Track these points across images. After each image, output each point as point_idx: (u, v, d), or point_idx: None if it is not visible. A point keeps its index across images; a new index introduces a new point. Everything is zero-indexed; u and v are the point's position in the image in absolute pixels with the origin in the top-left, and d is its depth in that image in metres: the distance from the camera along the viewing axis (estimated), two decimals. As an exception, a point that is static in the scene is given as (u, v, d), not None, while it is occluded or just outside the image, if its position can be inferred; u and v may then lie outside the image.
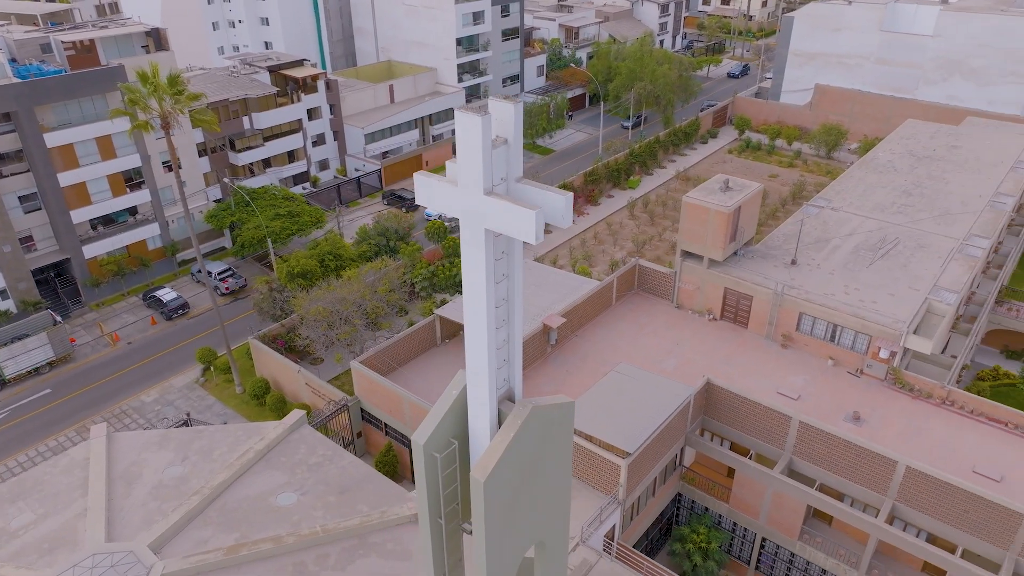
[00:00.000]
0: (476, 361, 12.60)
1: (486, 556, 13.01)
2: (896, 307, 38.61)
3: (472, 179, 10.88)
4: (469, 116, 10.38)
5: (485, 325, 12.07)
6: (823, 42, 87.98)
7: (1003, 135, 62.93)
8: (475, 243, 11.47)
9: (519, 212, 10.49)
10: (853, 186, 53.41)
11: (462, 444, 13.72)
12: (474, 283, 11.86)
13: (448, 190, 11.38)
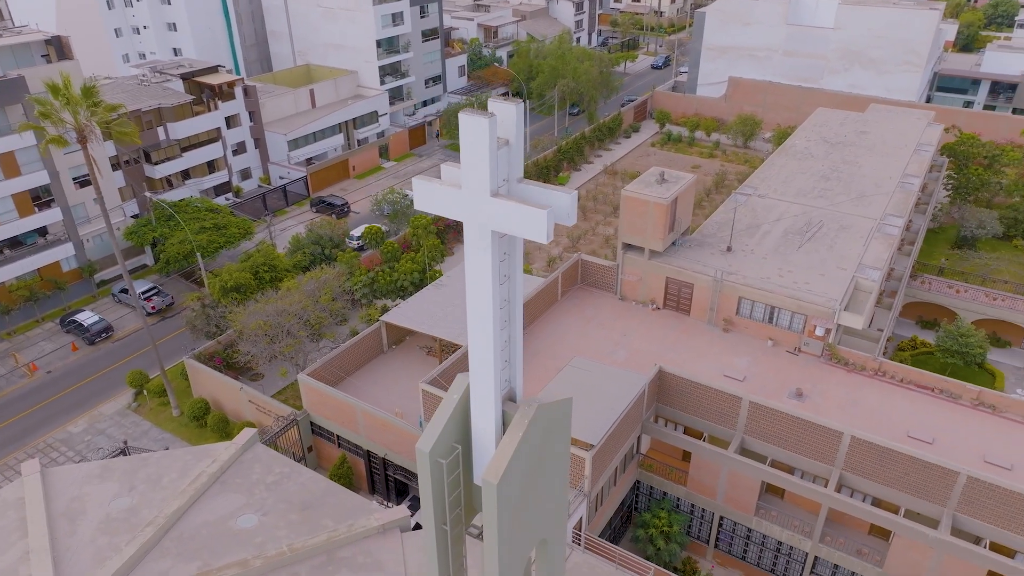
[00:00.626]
0: (481, 363, 12.54)
1: (498, 559, 12.98)
2: (827, 286, 40.64)
3: (478, 182, 10.82)
4: (476, 118, 10.32)
5: (492, 327, 12.02)
6: (734, 36, 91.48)
7: (904, 120, 67.08)
8: (481, 246, 11.40)
9: (530, 212, 10.51)
10: (775, 173, 55.81)
11: (465, 448, 13.63)
12: (480, 286, 11.79)
13: (451, 193, 11.27)
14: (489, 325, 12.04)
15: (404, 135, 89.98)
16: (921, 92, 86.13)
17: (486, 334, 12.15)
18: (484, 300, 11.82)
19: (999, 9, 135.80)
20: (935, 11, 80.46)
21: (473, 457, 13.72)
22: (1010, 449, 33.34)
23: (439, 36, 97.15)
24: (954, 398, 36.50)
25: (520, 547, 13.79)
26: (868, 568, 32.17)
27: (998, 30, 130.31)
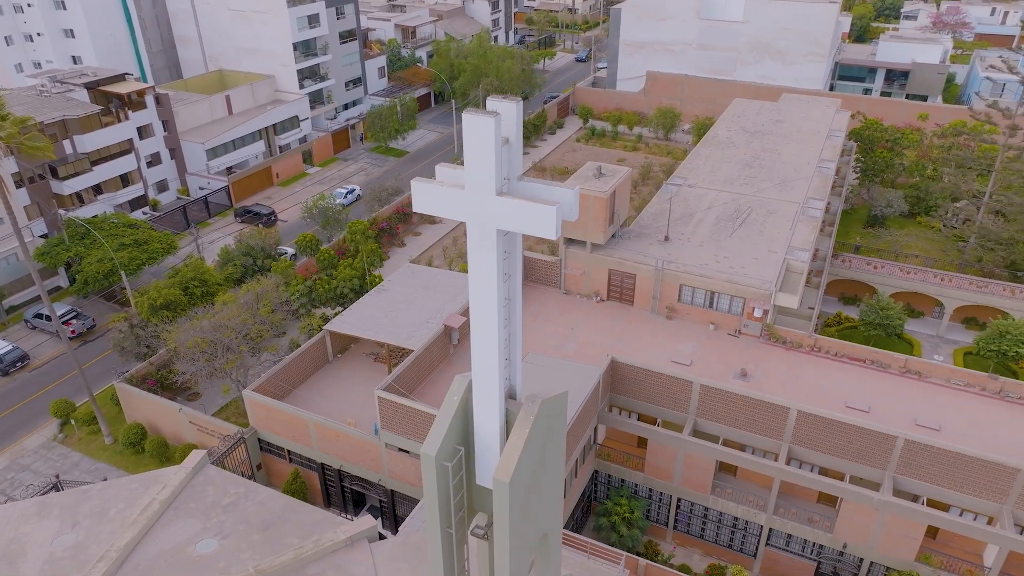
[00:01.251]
0: (485, 362, 12.52)
1: (509, 558, 13.00)
2: (761, 269, 42.40)
3: (484, 181, 10.78)
4: (481, 118, 10.28)
5: (496, 326, 12.02)
6: (650, 31, 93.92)
7: (814, 108, 70.62)
8: (486, 245, 11.38)
9: (538, 209, 10.57)
10: (702, 163, 57.74)
11: (467, 449, 13.57)
12: (484, 285, 11.76)
13: (453, 194, 11.19)
14: (493, 324, 12.03)
15: (327, 139, 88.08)
16: (825, 81, 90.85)
17: (490, 333, 12.14)
18: (488, 299, 11.81)
19: (886, 2, 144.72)
20: (834, 4, 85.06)
21: (476, 458, 13.68)
22: (936, 411, 35.74)
23: (357, 38, 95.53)
24: (883, 367, 38.80)
25: (526, 544, 13.86)
26: (820, 534, 33.84)
27: (886, 22, 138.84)
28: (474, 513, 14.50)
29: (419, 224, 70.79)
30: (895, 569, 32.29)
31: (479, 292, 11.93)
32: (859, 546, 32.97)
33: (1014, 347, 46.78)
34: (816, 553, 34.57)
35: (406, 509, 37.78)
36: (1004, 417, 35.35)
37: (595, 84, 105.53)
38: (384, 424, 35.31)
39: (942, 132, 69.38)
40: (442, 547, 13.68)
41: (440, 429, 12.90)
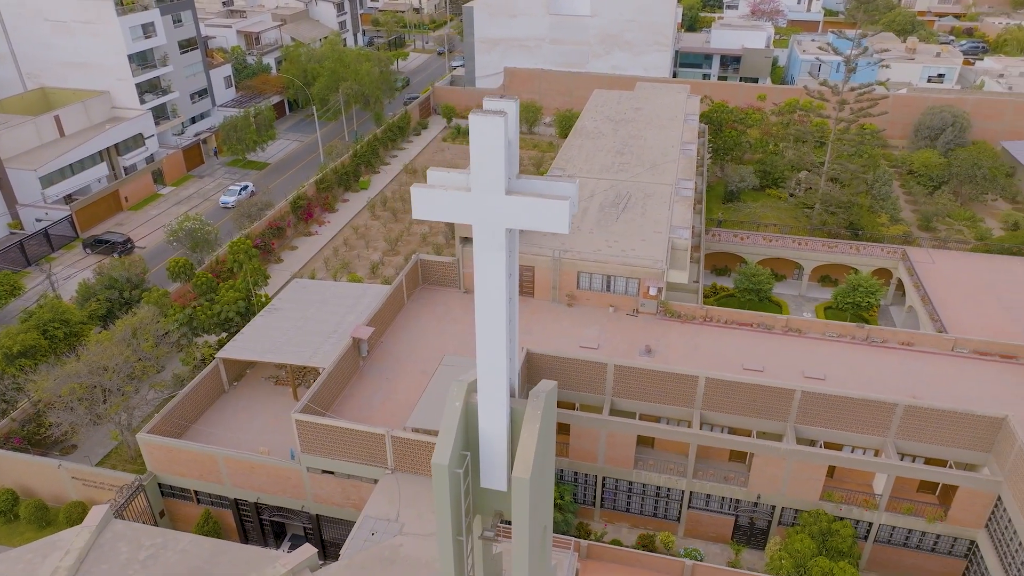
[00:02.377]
0: (492, 364, 12.46)
1: (529, 554, 13.04)
2: (649, 250, 44.66)
3: (492, 181, 10.71)
4: (489, 118, 10.20)
5: (504, 325, 12.00)
6: (504, 28, 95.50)
7: (667, 94, 75.03)
8: (494, 245, 11.30)
9: (549, 205, 10.66)
10: (576, 154, 59.72)
11: (473, 453, 13.43)
12: (492, 285, 11.68)
13: (458, 197, 11.02)
14: (502, 323, 12.01)
15: (178, 156, 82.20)
16: (670, 69, 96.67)
17: (497, 332, 12.11)
18: (497, 299, 11.77)
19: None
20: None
21: (481, 461, 13.56)
22: (819, 363, 39.43)
23: (198, 46, 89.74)
24: (769, 329, 42.21)
25: (537, 538, 13.95)
26: (736, 490, 36.33)
27: (712, 11, 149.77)
28: (473, 517, 14.38)
29: (294, 238, 68.00)
30: (804, 510, 35.34)
31: (487, 292, 11.86)
32: (771, 495, 35.76)
33: (866, 298, 52.46)
34: (734, 508, 37.10)
35: (334, 532, 36.41)
36: (874, 360, 39.64)
37: (453, 83, 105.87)
38: (304, 447, 33.79)
39: (779, 110, 76.10)
40: (454, 557, 13.47)
41: (448, 437, 12.69)
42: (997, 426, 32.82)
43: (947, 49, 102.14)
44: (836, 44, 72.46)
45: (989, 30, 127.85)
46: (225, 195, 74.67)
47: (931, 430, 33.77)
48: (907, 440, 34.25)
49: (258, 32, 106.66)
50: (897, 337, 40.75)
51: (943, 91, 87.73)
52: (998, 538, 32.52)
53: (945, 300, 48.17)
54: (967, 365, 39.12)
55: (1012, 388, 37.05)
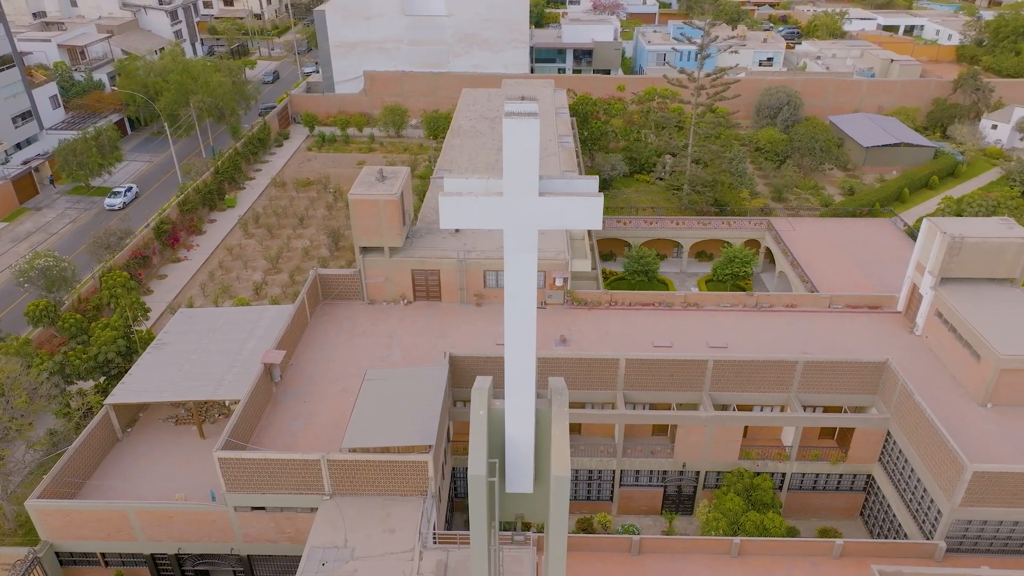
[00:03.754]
0: (521, 366, 12.37)
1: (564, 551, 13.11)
2: (550, 242, 45.62)
3: (526, 184, 10.60)
4: (524, 121, 10.09)
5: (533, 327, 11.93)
6: (359, 31, 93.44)
7: (534, 89, 76.79)
8: (525, 248, 11.21)
9: (583, 203, 10.73)
10: (458, 154, 59.75)
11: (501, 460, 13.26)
12: (523, 288, 11.57)
13: (490, 203, 10.80)
14: (531, 326, 11.94)
15: (7, 188, 73.49)
16: (528, 65, 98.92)
17: (527, 336, 12.03)
18: (528, 302, 11.69)
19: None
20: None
21: (507, 466, 13.42)
22: (719, 332, 42.13)
23: (15, 63, 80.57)
24: (669, 306, 44.54)
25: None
26: (663, 462, 38.13)
27: (556, 7, 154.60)
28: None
29: (162, 266, 63.04)
30: (726, 471, 37.75)
31: (518, 294, 11.75)
32: (695, 461, 37.87)
33: (742, 268, 56.65)
34: (662, 479, 38.93)
35: (269, 570, 34.39)
36: (765, 324, 42.95)
37: (310, 90, 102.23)
38: (230, 486, 31.57)
39: (638, 99, 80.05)
40: (488, 568, 13.26)
41: (480, 447, 12.47)
42: (880, 369, 36.70)
43: (771, 35, 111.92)
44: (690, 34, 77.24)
45: (800, 17, 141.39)
46: (110, 198, 71.12)
47: (826, 381, 37.17)
48: (807, 393, 37.49)
49: (83, 46, 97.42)
50: (782, 301, 44.40)
51: (775, 74, 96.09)
52: (890, 468, 36.43)
53: (809, 262, 52.97)
54: (843, 319, 43.36)
55: (884, 334, 41.52)
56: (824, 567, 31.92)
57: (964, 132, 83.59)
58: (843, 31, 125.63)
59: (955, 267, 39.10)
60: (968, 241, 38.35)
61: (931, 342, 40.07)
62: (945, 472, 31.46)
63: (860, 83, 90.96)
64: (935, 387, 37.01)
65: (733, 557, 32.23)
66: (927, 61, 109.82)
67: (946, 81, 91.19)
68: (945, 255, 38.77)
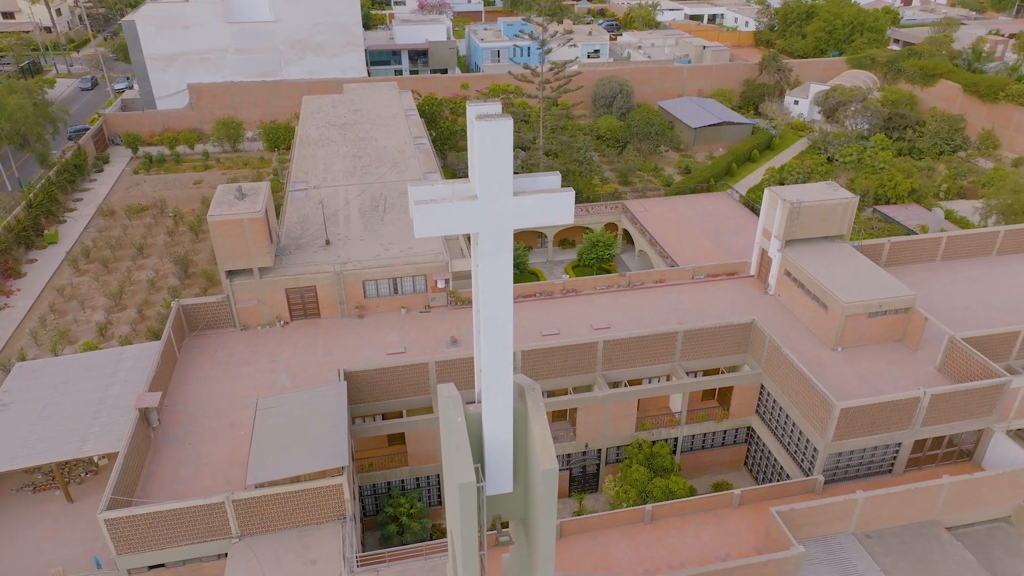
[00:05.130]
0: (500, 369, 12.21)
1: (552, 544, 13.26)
2: (427, 245, 45.32)
3: (501, 185, 10.49)
4: (497, 122, 9.98)
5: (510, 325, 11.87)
6: (178, 42, 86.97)
7: (377, 92, 75.57)
8: (501, 249, 11.06)
9: (557, 199, 10.82)
10: (311, 164, 57.56)
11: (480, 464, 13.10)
12: (499, 290, 11.40)
13: (466, 207, 10.57)
14: (508, 327, 11.86)
15: None
16: (365, 68, 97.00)
17: (506, 338, 11.93)
18: (504, 302, 11.58)
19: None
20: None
21: (487, 469, 13.29)
22: (600, 313, 43.93)
23: None
24: (550, 296, 45.80)
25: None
26: (566, 446, 39.23)
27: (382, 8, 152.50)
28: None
29: (-22, 317, 55.36)
30: (625, 445, 39.57)
31: (494, 297, 11.60)
32: (596, 440, 39.36)
33: (605, 251, 59.43)
34: (567, 462, 40.06)
35: (174, 632, 31.48)
36: (640, 301, 45.40)
37: (127, 108, 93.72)
38: (120, 548, 28.55)
39: (483, 96, 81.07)
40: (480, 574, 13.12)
41: (463, 455, 12.26)
42: (748, 329, 40.08)
43: (595, 28, 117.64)
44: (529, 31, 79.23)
45: (617, 10, 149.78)
46: None
47: (703, 346, 40.01)
48: (688, 360, 40.15)
49: None
50: (652, 277, 47.11)
51: (605, 65, 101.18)
52: (767, 418, 39.97)
53: (665, 239, 56.62)
54: (706, 287, 46.82)
55: (743, 297, 45.34)
56: (727, 517, 34.47)
57: (773, 109, 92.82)
58: (657, 22, 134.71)
59: (796, 230, 43.46)
60: (805, 205, 42.78)
61: (783, 299, 44.33)
62: (816, 413, 35.04)
63: (681, 69, 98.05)
64: (793, 339, 41.04)
65: (647, 524, 33.93)
66: (732, 46, 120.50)
67: (752, 64, 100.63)
68: (787, 220, 42.98)
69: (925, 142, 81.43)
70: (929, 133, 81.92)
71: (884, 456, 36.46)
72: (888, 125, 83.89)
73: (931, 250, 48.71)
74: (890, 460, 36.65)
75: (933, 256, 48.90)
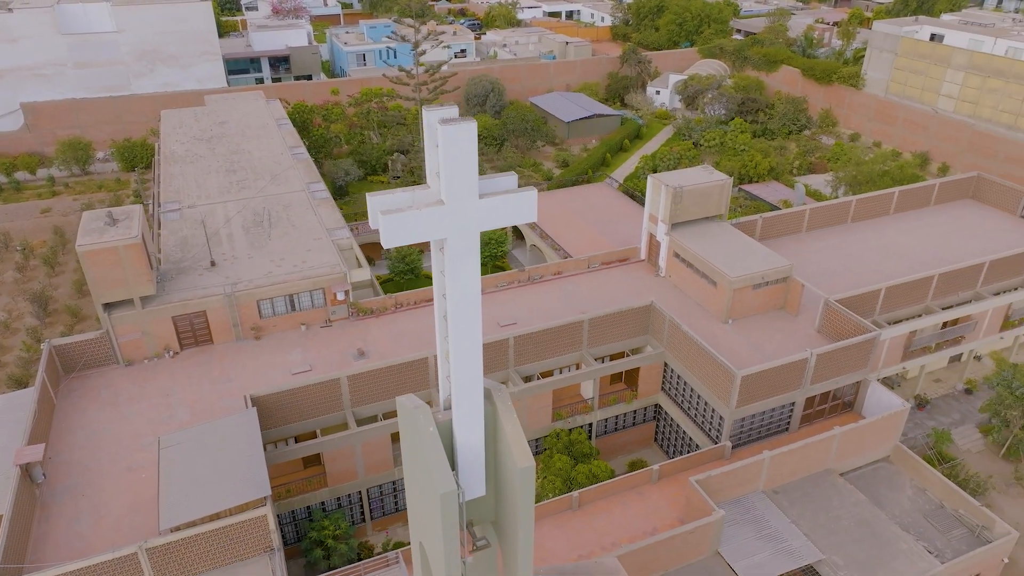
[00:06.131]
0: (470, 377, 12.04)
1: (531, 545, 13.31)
2: (321, 256, 43.83)
3: (467, 189, 10.32)
4: (461, 125, 9.80)
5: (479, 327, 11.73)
6: (3, 57, 78.73)
7: (242, 103, 71.98)
8: (468, 252, 10.88)
9: (522, 198, 10.81)
10: (182, 183, 54.03)
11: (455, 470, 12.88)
12: (468, 292, 11.21)
13: (433, 213, 10.30)
14: (477, 326, 11.72)
15: None
16: (224, 78, 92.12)
17: (474, 336, 11.77)
18: (473, 304, 11.41)
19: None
20: (206, 2, 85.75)
21: (460, 475, 13.09)
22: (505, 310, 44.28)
23: None
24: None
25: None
26: (486, 444, 39.27)
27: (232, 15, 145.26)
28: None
29: None
30: (544, 436, 40.18)
31: (463, 300, 11.41)
32: (515, 435, 39.65)
33: (498, 248, 59.91)
34: (488, 461, 40.09)
35: None
36: (542, 294, 46.18)
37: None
38: (17, 623, 25.67)
39: (356, 101, 79.28)
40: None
41: (441, 463, 12.04)
42: (648, 311, 41.82)
43: (459, 28, 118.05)
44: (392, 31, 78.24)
45: (477, 9, 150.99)
46: None
47: (608, 332, 41.34)
48: (595, 347, 41.35)
49: None
50: (550, 270, 48.03)
51: (474, 64, 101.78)
52: (673, 393, 41.93)
53: (555, 231, 57.91)
54: (601, 275, 48.35)
55: (638, 281, 47.22)
56: (648, 493, 35.89)
57: (638, 99, 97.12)
58: (518, 20, 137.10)
59: (680, 213, 45.79)
60: (686, 189, 45.16)
61: (674, 280, 46.62)
62: (719, 383, 37.18)
63: (548, 65, 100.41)
64: (687, 316, 43.26)
65: (575, 510, 34.68)
66: (592, 41, 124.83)
67: (614, 57, 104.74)
68: (671, 204, 45.20)
69: (775, 123, 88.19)
70: (778, 115, 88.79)
71: (781, 416, 39.28)
72: (742, 109, 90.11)
73: (797, 223, 52.89)
74: (786, 419, 39.54)
75: (799, 228, 53.12)
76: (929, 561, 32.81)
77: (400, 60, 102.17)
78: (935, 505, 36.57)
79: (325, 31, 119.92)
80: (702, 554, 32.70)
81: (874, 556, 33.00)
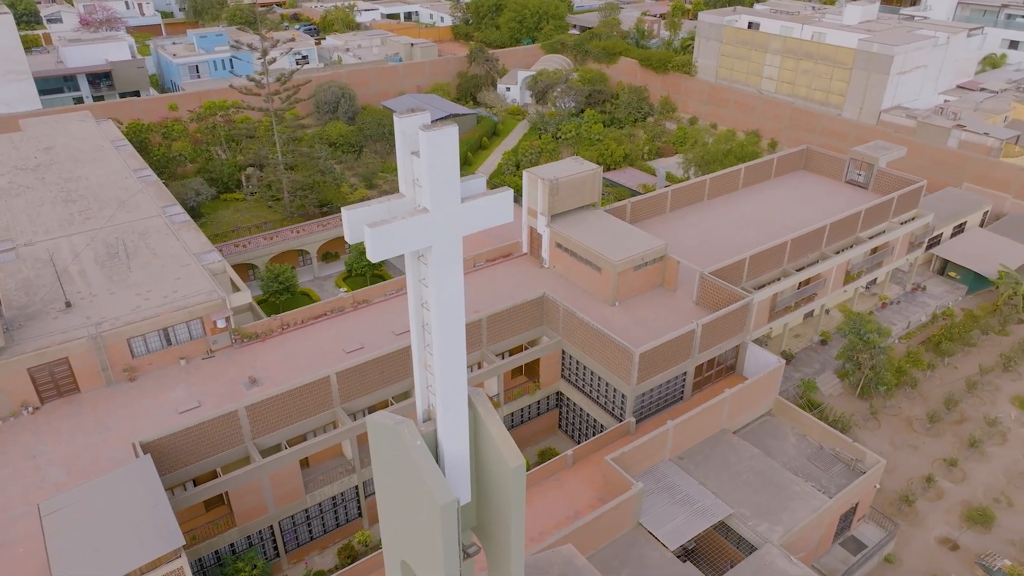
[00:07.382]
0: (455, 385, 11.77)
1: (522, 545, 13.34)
2: (193, 284, 40.82)
3: (450, 194, 10.06)
4: (444, 131, 9.58)
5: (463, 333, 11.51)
6: None
7: (68, 125, 65.26)
8: (452, 257, 10.62)
9: (498, 199, 10.72)
10: (10, 219, 48.14)
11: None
12: (452, 297, 10.93)
13: (419, 222, 9.95)
14: (461, 332, 11.49)
15: None
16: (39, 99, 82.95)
17: (458, 342, 11.53)
18: (457, 310, 11.16)
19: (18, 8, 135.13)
20: (7, 15, 76.66)
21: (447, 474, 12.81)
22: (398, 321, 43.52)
23: None
24: (341, 311, 44.17)
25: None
26: (398, 456, 38.43)
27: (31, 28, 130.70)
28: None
29: None
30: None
31: (448, 308, 11.11)
32: (426, 442, 39.12)
33: (375, 256, 58.57)
34: (401, 472, 39.26)
35: None
36: (431, 297, 45.76)
37: None
38: None
39: (197, 116, 74.29)
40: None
41: (435, 475, 11.75)
42: (541, 303, 42.74)
43: (297, 34, 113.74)
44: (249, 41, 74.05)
45: (311, 13, 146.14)
46: None
47: (506, 327, 41.81)
48: (495, 343, 41.68)
49: None
50: (437, 272, 47.65)
51: (319, 70, 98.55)
52: (573, 379, 43.21)
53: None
54: (488, 272, 48.75)
55: (524, 275, 48.08)
56: (567, 478, 36.82)
57: (490, 97, 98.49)
58: (357, 23, 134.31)
59: (557, 204, 47.14)
60: (562, 181, 46.54)
61: (559, 269, 47.95)
62: (619, 363, 38.78)
63: (396, 68, 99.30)
64: (577, 303, 44.68)
65: (499, 507, 34.85)
66: (436, 41, 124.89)
67: (461, 57, 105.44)
68: (549, 196, 46.42)
69: (621, 112, 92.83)
70: (623, 104, 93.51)
71: (675, 387, 41.65)
72: (590, 101, 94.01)
73: (661, 204, 56.12)
74: (680, 389, 41.98)
75: (664, 209, 56.41)
76: (820, 499, 36.23)
77: (239, 69, 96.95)
78: (815, 448, 40.41)
79: (148, 43, 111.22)
80: (625, 528, 34.07)
81: (775, 502, 35.95)
